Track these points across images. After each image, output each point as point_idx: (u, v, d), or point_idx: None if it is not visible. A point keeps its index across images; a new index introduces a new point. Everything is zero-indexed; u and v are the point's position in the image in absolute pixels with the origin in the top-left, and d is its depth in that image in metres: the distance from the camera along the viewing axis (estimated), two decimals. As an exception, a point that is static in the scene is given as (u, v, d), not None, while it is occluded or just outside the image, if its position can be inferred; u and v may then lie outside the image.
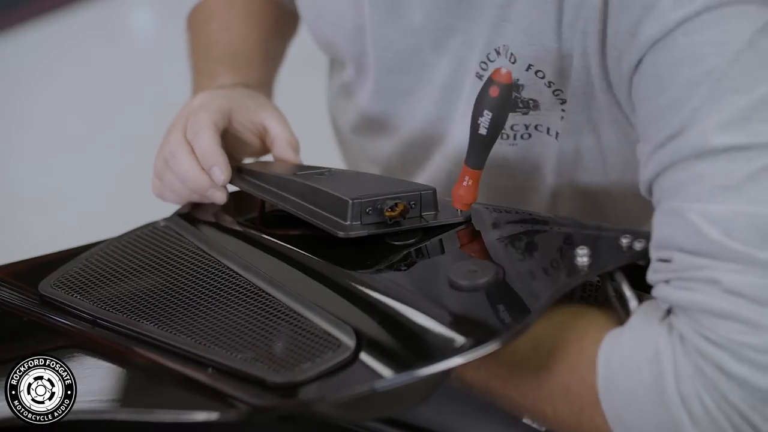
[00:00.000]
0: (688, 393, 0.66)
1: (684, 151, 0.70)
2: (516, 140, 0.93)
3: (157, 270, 0.86)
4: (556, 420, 0.74)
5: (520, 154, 0.95)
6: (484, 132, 0.80)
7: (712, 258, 0.67)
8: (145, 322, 0.77)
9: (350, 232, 0.80)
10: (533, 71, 0.87)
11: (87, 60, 3.22)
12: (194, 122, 0.94)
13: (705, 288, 0.67)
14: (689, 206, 0.69)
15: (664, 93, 0.72)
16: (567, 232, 0.80)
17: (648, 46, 0.73)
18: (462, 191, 0.83)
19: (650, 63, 0.74)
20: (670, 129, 0.71)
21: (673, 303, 0.69)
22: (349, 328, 0.71)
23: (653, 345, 0.69)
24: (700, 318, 0.67)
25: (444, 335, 0.68)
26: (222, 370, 0.70)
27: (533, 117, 0.91)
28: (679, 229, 0.69)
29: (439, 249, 0.81)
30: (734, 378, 0.65)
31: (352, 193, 0.81)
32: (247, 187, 0.94)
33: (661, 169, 0.72)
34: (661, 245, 0.71)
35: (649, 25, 0.73)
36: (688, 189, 0.69)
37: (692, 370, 0.67)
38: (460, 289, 0.72)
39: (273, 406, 0.67)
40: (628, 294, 0.73)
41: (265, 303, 0.77)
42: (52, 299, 0.84)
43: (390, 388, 0.65)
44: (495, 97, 0.78)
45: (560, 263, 0.75)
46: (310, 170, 0.92)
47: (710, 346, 0.66)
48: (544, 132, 0.92)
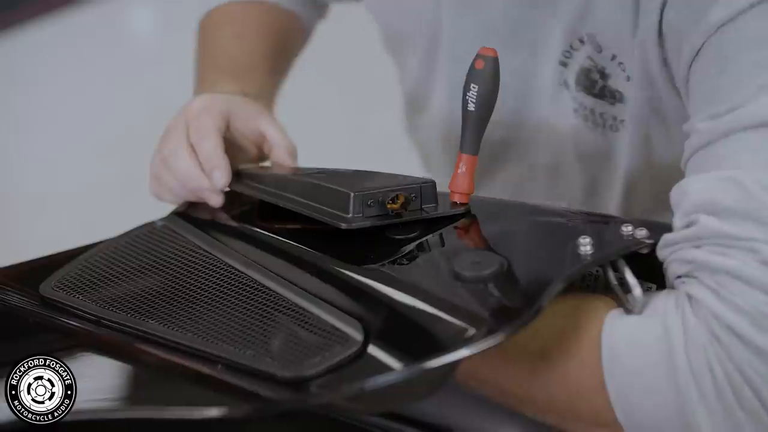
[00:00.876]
0: (700, 367, 0.66)
1: (743, 121, 0.70)
2: (606, 129, 0.94)
3: (159, 269, 0.86)
4: (549, 408, 0.74)
5: (608, 146, 0.96)
6: (473, 108, 0.81)
7: (757, 223, 0.67)
8: (150, 321, 0.77)
9: (352, 224, 0.80)
10: (617, 62, 0.89)
11: (87, 60, 3.23)
12: (198, 126, 0.95)
13: (742, 255, 0.67)
14: (744, 173, 0.69)
15: (727, 71, 0.73)
16: (568, 221, 0.81)
17: (714, 29, 0.74)
18: (458, 181, 0.83)
19: (715, 44, 0.74)
20: (730, 102, 0.72)
21: (703, 264, 0.69)
22: (356, 321, 0.71)
23: (661, 322, 0.69)
24: (728, 282, 0.67)
25: (452, 326, 0.68)
26: (231, 366, 0.70)
27: (619, 109, 0.92)
28: (728, 193, 0.69)
29: (442, 241, 0.81)
30: (751, 345, 0.65)
31: (354, 187, 0.82)
32: (247, 191, 0.94)
33: (714, 138, 0.72)
34: (696, 209, 0.71)
35: (717, 10, 0.74)
36: (744, 157, 0.70)
37: (705, 339, 0.66)
38: (466, 280, 0.72)
39: (286, 401, 0.67)
40: (632, 281, 0.73)
41: (269, 299, 0.77)
42: (54, 301, 0.83)
43: (401, 380, 0.65)
44: (480, 69, 0.80)
45: (563, 252, 0.75)
46: (307, 170, 0.93)
47: (730, 312, 0.66)
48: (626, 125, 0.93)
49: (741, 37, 0.73)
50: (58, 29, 3.39)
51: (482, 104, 0.81)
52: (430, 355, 0.65)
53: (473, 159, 0.83)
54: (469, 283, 0.72)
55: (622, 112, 0.92)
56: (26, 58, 3.26)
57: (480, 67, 0.80)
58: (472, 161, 0.83)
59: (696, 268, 0.70)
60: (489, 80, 0.80)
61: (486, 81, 0.80)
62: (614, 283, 0.74)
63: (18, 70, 3.22)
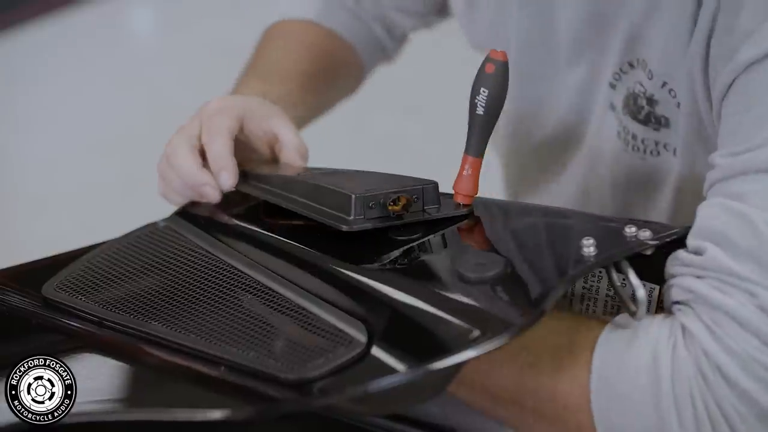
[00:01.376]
0: (683, 397, 0.68)
1: (759, 163, 0.72)
2: (645, 155, 0.95)
3: (161, 270, 0.86)
4: (533, 417, 0.74)
5: (646, 170, 0.96)
6: (482, 111, 0.81)
7: (760, 266, 0.68)
8: (152, 323, 0.77)
9: (354, 226, 0.80)
10: (667, 89, 0.89)
11: (87, 60, 3.23)
12: (210, 126, 0.95)
13: (741, 297, 0.68)
14: (757, 212, 0.70)
15: (752, 110, 0.74)
16: (571, 223, 0.81)
17: (743, 67, 0.75)
18: (463, 182, 0.83)
19: (743, 82, 0.76)
20: (749, 142, 0.73)
21: (703, 297, 0.70)
22: (360, 323, 0.71)
23: (651, 350, 0.70)
24: (723, 322, 0.68)
25: (456, 328, 0.68)
26: (234, 368, 0.70)
27: (663, 134, 0.92)
28: (737, 229, 0.70)
29: (446, 242, 0.81)
30: (736, 387, 0.67)
31: (355, 189, 0.82)
32: (252, 191, 0.94)
33: (731, 175, 0.73)
34: (706, 237, 0.72)
35: (747, 49, 0.75)
36: (757, 198, 0.71)
37: (692, 372, 0.68)
38: (470, 281, 0.72)
39: (289, 403, 0.67)
40: (635, 282, 0.72)
41: (272, 300, 0.77)
42: (57, 302, 0.83)
43: (405, 382, 0.65)
44: (491, 74, 0.80)
45: (567, 254, 0.75)
46: (314, 171, 0.92)
47: (721, 352, 0.67)
48: (671, 152, 0.93)
49: (766, 79, 0.74)
50: (58, 29, 3.39)
51: (491, 108, 0.81)
52: (434, 357, 0.65)
53: (478, 161, 0.83)
54: (473, 284, 0.72)
55: (665, 137, 0.93)
56: (26, 58, 3.26)
57: (490, 71, 0.80)
58: (478, 164, 0.83)
59: (695, 299, 0.71)
60: (499, 84, 0.80)
61: (496, 85, 0.80)
62: (617, 284, 0.74)
63: (18, 70, 3.22)
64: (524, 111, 1.07)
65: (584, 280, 0.82)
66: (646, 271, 0.76)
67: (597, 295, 0.82)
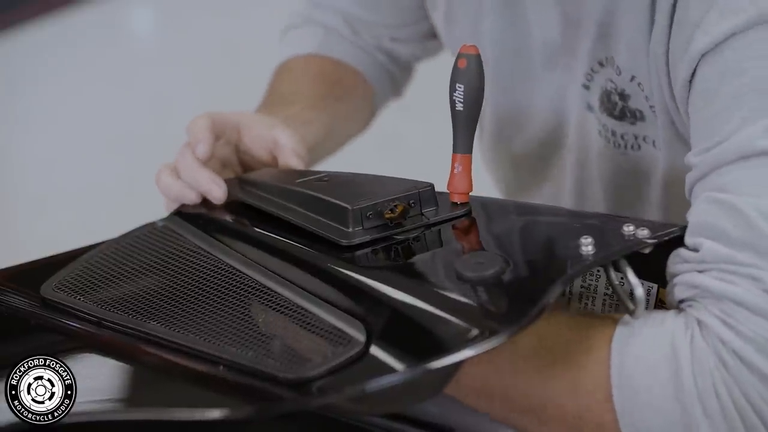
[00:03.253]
0: (706, 387, 0.68)
1: (729, 154, 0.72)
2: (627, 150, 0.96)
3: (160, 270, 0.86)
4: (557, 420, 0.74)
5: (631, 165, 0.97)
6: (461, 107, 0.81)
7: (757, 253, 0.69)
8: (151, 322, 0.77)
9: (353, 239, 0.80)
10: (636, 83, 0.90)
11: (87, 60, 3.23)
12: (194, 119, 0.95)
13: (745, 283, 0.69)
14: (743, 199, 0.70)
15: (713, 104, 0.75)
16: (569, 222, 0.81)
17: (697, 59, 0.76)
18: (455, 181, 0.83)
19: (700, 76, 0.77)
20: (718, 136, 0.73)
21: (708, 290, 0.70)
22: (358, 322, 0.71)
23: (669, 342, 0.70)
24: (732, 310, 0.69)
25: (455, 327, 0.68)
26: (233, 367, 0.70)
27: (640, 128, 0.93)
28: (728, 220, 0.71)
29: (444, 242, 0.81)
30: (756, 371, 0.67)
31: (352, 199, 0.81)
32: (249, 199, 0.93)
33: (709, 171, 0.74)
34: (700, 233, 0.72)
35: (698, 39, 0.75)
36: (738, 185, 0.71)
37: (713, 363, 0.68)
38: (468, 281, 0.72)
39: (288, 402, 0.67)
40: (634, 281, 0.73)
41: (271, 300, 0.77)
42: (55, 302, 0.83)
43: (404, 381, 0.65)
44: (464, 68, 0.80)
45: (565, 253, 0.75)
46: (310, 176, 0.92)
47: (736, 338, 0.68)
48: (651, 144, 0.94)
49: (720, 69, 0.75)
50: (58, 29, 3.39)
51: (470, 102, 0.81)
52: (432, 356, 0.65)
53: (468, 158, 0.83)
54: (471, 283, 0.72)
55: (643, 130, 0.93)
56: (26, 58, 3.26)
57: (463, 66, 0.80)
58: (467, 160, 0.83)
59: (701, 293, 0.71)
60: (474, 78, 0.81)
61: (471, 79, 0.81)
62: (616, 283, 0.75)
63: (18, 70, 3.22)
64: (505, 119, 1.08)
65: (582, 278, 0.82)
66: (645, 270, 0.76)
67: (595, 294, 0.82)
